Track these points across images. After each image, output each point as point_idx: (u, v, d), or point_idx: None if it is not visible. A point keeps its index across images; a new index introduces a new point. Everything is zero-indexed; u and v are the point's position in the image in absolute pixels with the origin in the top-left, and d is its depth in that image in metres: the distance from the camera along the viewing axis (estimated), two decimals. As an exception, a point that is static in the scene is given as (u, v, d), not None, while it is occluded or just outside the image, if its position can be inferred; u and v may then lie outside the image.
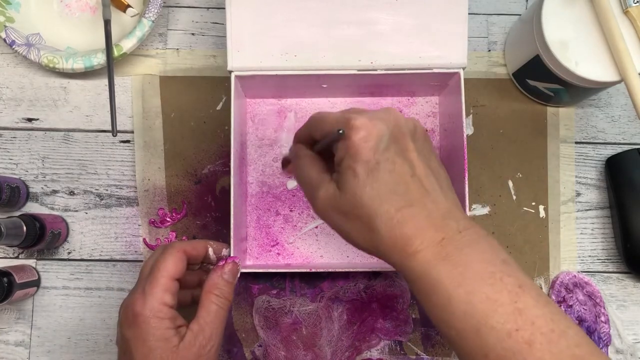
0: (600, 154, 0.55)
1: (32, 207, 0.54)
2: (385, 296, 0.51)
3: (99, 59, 0.51)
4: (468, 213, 0.45)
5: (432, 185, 0.34)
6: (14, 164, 0.54)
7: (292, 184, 0.52)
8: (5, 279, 0.47)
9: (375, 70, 0.47)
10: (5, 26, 0.52)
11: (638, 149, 0.53)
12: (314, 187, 0.36)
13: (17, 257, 0.53)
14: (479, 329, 0.30)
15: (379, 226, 0.33)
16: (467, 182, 0.46)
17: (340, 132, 0.33)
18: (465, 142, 0.46)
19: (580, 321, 0.51)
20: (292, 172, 0.42)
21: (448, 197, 0.35)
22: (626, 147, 0.55)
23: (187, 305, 0.43)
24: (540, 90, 0.52)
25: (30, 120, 0.55)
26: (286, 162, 0.43)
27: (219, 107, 0.55)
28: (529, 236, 0.53)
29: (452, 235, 0.33)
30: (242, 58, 0.46)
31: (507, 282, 0.31)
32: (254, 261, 0.52)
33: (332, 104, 0.53)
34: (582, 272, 0.53)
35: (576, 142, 0.55)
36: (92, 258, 0.53)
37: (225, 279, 0.41)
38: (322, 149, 0.37)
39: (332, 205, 0.35)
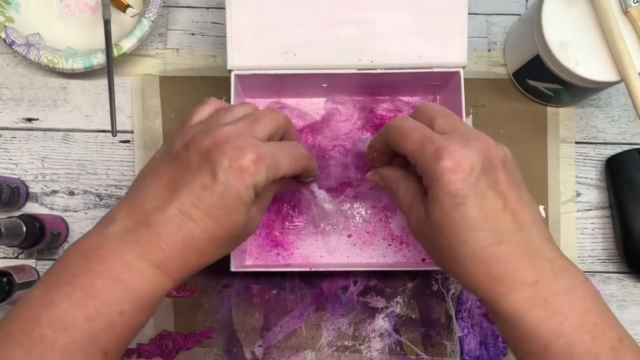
0: (600, 154, 0.55)
1: (31, 207, 0.54)
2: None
3: (99, 59, 0.51)
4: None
5: (525, 219, 0.32)
6: (14, 164, 0.54)
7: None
8: (5, 279, 0.47)
9: (375, 69, 0.47)
10: (5, 26, 0.52)
11: (638, 149, 0.53)
12: (406, 211, 0.36)
13: (16, 257, 0.53)
14: None
15: (465, 262, 0.32)
16: (467, 182, 0.46)
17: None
18: (465, 142, 0.46)
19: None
20: (375, 181, 0.42)
21: (541, 232, 0.32)
22: (626, 147, 0.55)
23: None
24: (540, 90, 0.52)
25: (30, 120, 0.55)
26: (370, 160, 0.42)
27: (218, 107, 0.55)
28: (529, 236, 0.53)
29: (549, 278, 0.31)
30: (241, 57, 0.46)
31: (609, 336, 0.29)
32: (253, 261, 0.52)
33: (333, 104, 0.53)
34: (582, 272, 0.53)
35: (576, 142, 0.55)
36: (92, 258, 0.53)
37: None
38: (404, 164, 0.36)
39: (421, 231, 0.35)
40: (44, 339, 0.28)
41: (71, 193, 0.54)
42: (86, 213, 0.54)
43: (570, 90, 0.49)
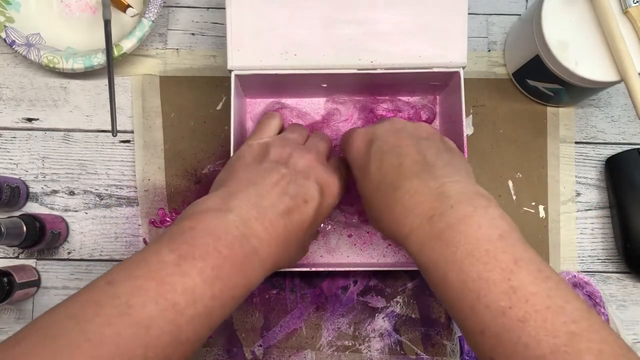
0: (600, 154, 0.55)
1: (32, 207, 0.54)
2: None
3: (99, 59, 0.51)
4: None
5: (422, 167, 0.36)
6: (14, 164, 0.54)
7: None
8: (5, 279, 0.47)
9: (375, 69, 0.47)
10: (5, 26, 0.52)
11: (638, 149, 0.53)
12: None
13: (17, 257, 0.53)
14: (474, 307, 0.30)
15: (378, 216, 0.38)
16: (467, 182, 0.46)
17: None
18: (465, 142, 0.46)
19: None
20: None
21: (444, 172, 0.35)
22: (626, 147, 0.55)
23: None
24: (540, 90, 0.52)
25: (30, 120, 0.55)
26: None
27: (219, 107, 0.55)
28: (528, 236, 0.53)
29: (444, 211, 0.33)
30: (242, 57, 0.46)
31: (501, 260, 0.30)
32: (254, 261, 0.52)
33: (333, 104, 0.53)
34: (582, 272, 0.53)
35: (576, 142, 0.55)
36: (92, 258, 0.53)
37: None
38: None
39: (367, 213, 0.41)
40: (176, 305, 0.30)
41: (71, 193, 0.54)
42: (86, 213, 0.54)
43: (570, 90, 0.49)
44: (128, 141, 0.55)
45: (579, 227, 0.54)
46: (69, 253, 0.54)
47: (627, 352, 0.28)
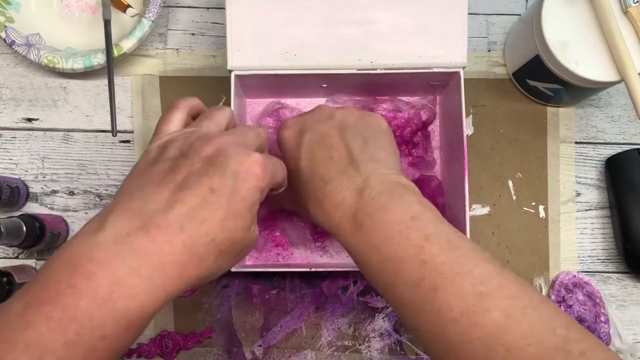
0: (600, 154, 0.55)
1: (32, 207, 0.54)
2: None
3: (99, 59, 0.51)
4: (468, 213, 0.45)
5: (349, 161, 0.37)
6: (14, 164, 0.54)
7: None
8: (5, 279, 0.47)
9: (375, 69, 0.47)
10: (5, 26, 0.52)
11: (638, 149, 0.53)
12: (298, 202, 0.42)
13: (17, 257, 0.53)
14: (393, 284, 0.32)
15: (309, 206, 0.38)
16: (467, 182, 0.46)
17: None
18: (465, 142, 0.46)
19: (580, 321, 0.51)
20: None
21: (368, 168, 0.37)
22: (626, 147, 0.55)
23: None
24: (540, 90, 0.52)
25: (30, 120, 0.55)
26: None
27: (219, 107, 0.55)
28: (529, 236, 0.53)
29: (365, 203, 0.35)
30: (241, 57, 0.46)
31: (413, 238, 0.32)
32: (253, 261, 0.52)
33: (333, 104, 0.53)
34: (582, 272, 0.53)
35: (576, 142, 0.55)
36: (92, 258, 0.53)
37: None
38: None
39: (295, 200, 0.41)
40: None
41: (71, 193, 0.54)
42: (86, 213, 0.54)
43: (570, 90, 0.49)
44: (128, 141, 0.55)
45: (579, 227, 0.54)
46: (68, 253, 0.53)
47: (538, 304, 0.29)
